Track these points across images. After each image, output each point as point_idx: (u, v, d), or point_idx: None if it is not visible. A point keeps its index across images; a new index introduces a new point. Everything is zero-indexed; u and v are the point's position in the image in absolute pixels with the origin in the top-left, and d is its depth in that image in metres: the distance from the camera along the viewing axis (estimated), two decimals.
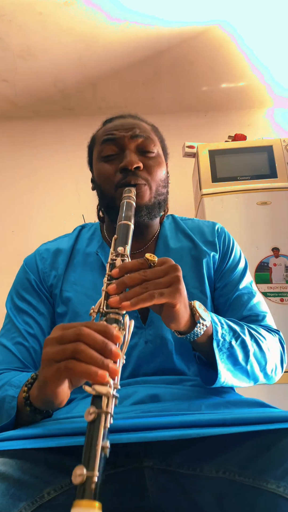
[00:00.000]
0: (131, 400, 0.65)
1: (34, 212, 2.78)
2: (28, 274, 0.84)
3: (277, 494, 0.47)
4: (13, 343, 0.76)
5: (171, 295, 0.55)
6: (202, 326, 0.63)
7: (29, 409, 0.58)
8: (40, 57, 2.46)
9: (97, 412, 0.43)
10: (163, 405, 0.63)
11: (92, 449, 0.40)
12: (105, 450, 0.41)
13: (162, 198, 0.84)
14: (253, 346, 0.71)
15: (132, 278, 0.56)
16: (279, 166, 2.00)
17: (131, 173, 0.79)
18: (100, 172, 0.84)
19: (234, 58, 2.53)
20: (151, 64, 2.57)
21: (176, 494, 0.56)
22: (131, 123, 0.85)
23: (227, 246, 0.88)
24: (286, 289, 1.78)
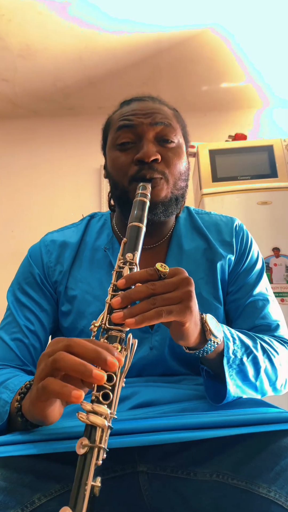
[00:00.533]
0: (129, 403, 0.64)
1: (34, 212, 2.77)
2: (32, 267, 0.79)
3: (268, 498, 0.47)
4: (12, 339, 0.73)
5: (181, 313, 0.50)
6: (213, 344, 0.58)
7: (20, 420, 0.54)
8: (40, 56, 2.46)
9: (89, 446, 0.39)
10: (161, 408, 0.62)
11: (81, 490, 0.37)
12: (95, 489, 0.38)
13: (181, 193, 0.76)
14: (264, 362, 0.66)
15: (139, 291, 0.50)
16: (279, 165, 2.00)
17: (147, 166, 0.71)
18: (114, 162, 0.75)
19: (234, 58, 2.53)
20: (151, 64, 2.56)
21: (172, 499, 0.56)
22: (151, 107, 0.75)
23: (244, 246, 0.82)
24: (286, 289, 1.78)
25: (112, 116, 0.81)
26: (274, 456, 0.50)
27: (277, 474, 0.48)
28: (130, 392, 0.66)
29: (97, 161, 2.86)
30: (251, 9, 2.20)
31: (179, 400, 0.65)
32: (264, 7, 2.18)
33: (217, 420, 0.53)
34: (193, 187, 2.33)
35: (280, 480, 0.47)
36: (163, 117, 0.75)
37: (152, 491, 0.56)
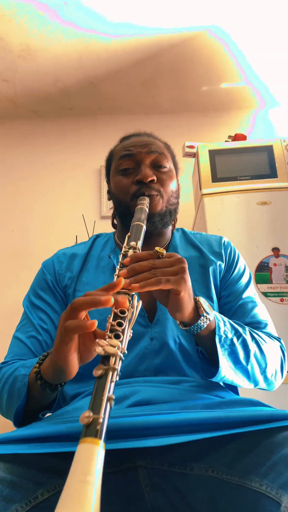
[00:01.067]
0: (129, 401, 0.66)
1: (34, 212, 2.78)
2: (45, 274, 0.91)
3: (260, 492, 0.48)
4: (27, 337, 0.82)
5: (177, 282, 0.60)
6: (205, 319, 0.66)
7: (40, 383, 0.63)
8: (40, 56, 2.46)
9: (105, 368, 0.48)
10: (159, 406, 0.64)
11: (99, 398, 0.45)
12: (110, 401, 0.45)
13: (173, 207, 0.91)
14: (253, 346, 0.74)
15: (142, 265, 0.61)
16: (279, 166, 2.00)
17: (146, 185, 0.86)
18: (117, 184, 0.90)
19: (235, 57, 2.53)
20: (151, 64, 2.57)
21: (170, 494, 0.57)
22: (147, 140, 0.93)
23: (232, 258, 0.93)
24: (286, 289, 1.78)
25: (114, 149, 0.99)
26: (266, 451, 0.51)
27: (269, 468, 0.49)
28: (129, 392, 0.68)
29: (97, 161, 2.87)
30: (250, 10, 2.21)
31: (177, 399, 0.67)
32: (263, 9, 2.18)
33: (214, 416, 0.55)
34: (193, 187, 2.33)
35: (272, 474, 0.49)
36: (157, 147, 0.92)
37: (152, 486, 0.57)
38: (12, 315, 2.47)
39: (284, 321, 1.72)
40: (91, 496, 0.35)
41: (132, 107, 2.93)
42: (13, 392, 0.69)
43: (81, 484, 0.36)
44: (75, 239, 2.42)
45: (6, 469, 0.50)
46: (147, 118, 2.98)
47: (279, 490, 0.46)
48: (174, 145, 2.96)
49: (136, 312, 0.58)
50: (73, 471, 0.38)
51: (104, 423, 0.42)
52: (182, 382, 0.73)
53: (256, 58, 2.52)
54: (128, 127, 3.30)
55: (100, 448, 0.40)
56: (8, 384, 0.71)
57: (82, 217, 2.49)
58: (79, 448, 0.39)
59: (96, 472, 0.37)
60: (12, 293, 2.56)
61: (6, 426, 0.83)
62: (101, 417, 0.42)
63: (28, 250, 2.67)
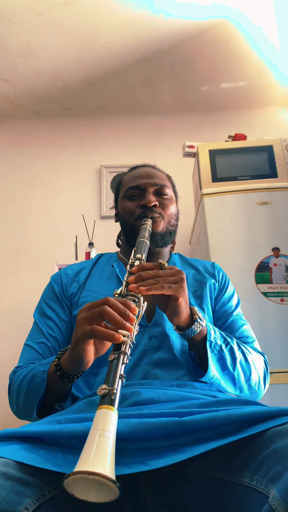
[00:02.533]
0: (128, 402, 0.69)
1: (34, 212, 2.78)
2: (53, 286, 1.00)
3: (250, 487, 0.50)
4: (37, 343, 0.91)
5: (177, 289, 0.72)
6: (198, 325, 0.77)
7: (59, 374, 0.72)
8: (40, 56, 2.46)
9: (118, 352, 0.59)
10: (157, 406, 0.66)
11: (113, 374, 0.55)
12: (122, 378, 0.56)
13: (173, 229, 1.04)
14: (240, 355, 0.84)
15: (148, 273, 0.73)
16: (279, 166, 2.00)
17: (149, 209, 0.99)
18: (124, 207, 1.04)
19: (235, 57, 2.53)
20: (151, 64, 2.57)
21: (168, 493, 0.58)
22: (152, 172, 1.07)
23: (224, 280, 1.05)
24: (286, 289, 1.78)
25: (123, 177, 1.11)
26: (258, 448, 0.53)
27: (259, 464, 0.51)
28: (129, 393, 0.71)
29: (97, 161, 2.87)
30: (256, 5, 2.21)
31: (173, 399, 0.70)
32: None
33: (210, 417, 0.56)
34: (193, 187, 2.33)
35: (261, 470, 0.50)
36: (160, 179, 1.05)
37: (151, 485, 0.58)
38: (12, 315, 2.48)
39: (284, 321, 1.72)
40: (107, 445, 0.44)
41: (132, 107, 2.93)
42: (32, 388, 0.78)
43: (100, 437, 0.45)
44: (75, 239, 2.42)
45: (15, 467, 0.51)
46: (147, 118, 2.98)
47: (268, 484, 0.47)
48: (174, 145, 2.97)
49: (142, 310, 0.69)
50: (93, 429, 0.46)
51: (117, 394, 0.52)
52: (181, 385, 0.78)
53: (272, 52, 2.51)
54: (128, 127, 3.32)
55: (113, 412, 0.49)
56: (25, 382, 0.80)
57: (82, 217, 2.49)
58: (98, 413, 0.49)
59: (111, 429, 0.46)
60: (12, 293, 2.56)
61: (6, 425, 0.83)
62: (115, 388, 0.52)
63: (28, 250, 2.67)
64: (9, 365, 1.09)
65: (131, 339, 0.62)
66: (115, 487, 0.40)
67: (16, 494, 0.48)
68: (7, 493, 0.47)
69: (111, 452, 0.43)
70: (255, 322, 1.52)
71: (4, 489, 0.47)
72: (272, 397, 1.53)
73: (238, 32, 2.36)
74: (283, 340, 1.68)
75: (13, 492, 0.48)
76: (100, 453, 0.43)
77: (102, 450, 0.43)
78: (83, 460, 0.41)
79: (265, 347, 0.99)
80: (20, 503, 0.47)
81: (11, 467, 0.51)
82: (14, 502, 0.47)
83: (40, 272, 2.46)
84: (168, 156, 2.65)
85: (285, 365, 1.62)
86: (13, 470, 0.50)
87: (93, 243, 2.38)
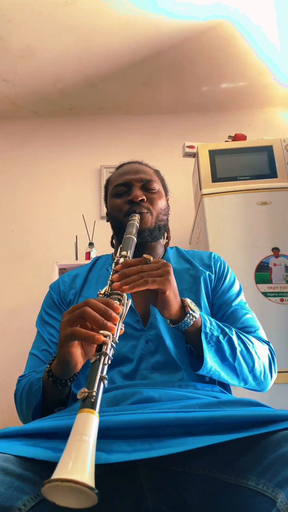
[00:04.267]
0: (129, 401, 0.69)
1: (34, 212, 2.78)
2: (52, 295, 1.00)
3: (256, 491, 0.49)
4: (40, 351, 0.91)
5: (162, 282, 0.70)
6: (191, 317, 0.75)
7: (51, 380, 0.72)
8: (40, 57, 2.47)
9: (99, 354, 0.57)
10: (158, 405, 0.66)
11: (93, 377, 0.53)
12: (103, 380, 0.54)
13: (163, 223, 1.01)
14: (240, 345, 0.81)
15: (131, 269, 0.71)
16: (279, 166, 2.00)
17: (136, 204, 0.97)
18: (113, 205, 1.02)
19: (235, 57, 2.54)
20: (151, 64, 2.57)
21: (169, 493, 0.58)
22: (138, 168, 1.05)
23: (222, 269, 1.02)
24: (286, 289, 1.78)
25: (111, 176, 1.09)
26: (264, 451, 0.52)
27: (266, 467, 0.50)
28: (130, 392, 0.71)
29: (97, 161, 2.87)
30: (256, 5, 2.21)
31: (174, 399, 0.69)
32: None
33: (212, 416, 0.56)
34: (193, 188, 2.34)
35: (268, 474, 0.49)
36: (146, 174, 1.03)
37: (152, 484, 0.58)
38: (12, 315, 2.48)
39: (284, 321, 1.73)
40: (86, 451, 0.43)
41: (132, 107, 2.93)
42: (31, 396, 0.78)
43: (79, 442, 0.44)
44: (75, 239, 2.42)
45: (15, 462, 0.51)
46: (147, 118, 2.98)
47: (275, 488, 0.47)
48: (174, 145, 2.97)
49: (126, 309, 0.68)
50: (72, 433, 0.45)
51: (98, 397, 0.50)
52: (179, 385, 0.77)
53: (273, 51, 2.52)
54: (128, 127, 3.32)
55: (94, 416, 0.48)
56: (25, 391, 0.81)
57: (82, 217, 2.49)
58: (77, 417, 0.48)
59: (91, 434, 0.45)
60: (12, 293, 2.56)
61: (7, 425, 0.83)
62: (94, 391, 0.51)
63: (28, 250, 2.67)
64: (9, 364, 1.10)
65: (114, 339, 0.61)
66: (93, 493, 0.39)
67: (15, 490, 0.48)
68: (6, 489, 0.47)
69: (90, 457, 0.42)
70: None
71: (4, 485, 0.48)
72: (273, 397, 1.53)
73: (238, 32, 2.36)
74: (283, 340, 1.68)
75: (12, 488, 0.48)
76: (79, 459, 0.42)
77: (81, 456, 0.42)
78: (61, 467, 0.41)
79: None
80: (18, 499, 0.47)
81: (11, 462, 0.51)
82: (12, 498, 0.47)
83: (40, 272, 2.46)
84: (168, 156, 2.65)
85: (285, 365, 1.62)
86: (13, 466, 0.51)
87: (93, 243, 2.39)
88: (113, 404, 0.69)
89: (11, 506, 0.46)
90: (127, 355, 0.82)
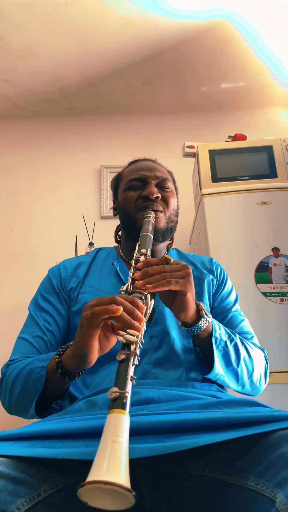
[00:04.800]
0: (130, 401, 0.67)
1: (34, 212, 2.78)
2: (51, 279, 0.98)
3: (255, 491, 0.49)
4: (33, 337, 0.88)
5: (184, 284, 0.69)
6: (205, 321, 0.75)
7: (60, 371, 0.70)
8: (40, 57, 2.46)
9: (127, 353, 0.57)
10: (157, 407, 0.66)
11: (123, 377, 0.53)
12: (132, 380, 0.54)
13: (173, 224, 1.02)
14: (243, 351, 0.83)
15: (154, 269, 0.70)
16: (279, 166, 2.00)
17: (151, 201, 0.96)
18: (125, 198, 1.00)
19: (235, 57, 2.53)
20: (151, 64, 2.57)
21: (168, 493, 0.58)
22: (153, 165, 1.05)
23: (222, 276, 1.03)
24: (286, 289, 1.78)
25: (123, 171, 1.08)
26: (263, 451, 0.52)
27: (266, 467, 0.50)
28: (131, 392, 0.69)
29: (97, 161, 2.87)
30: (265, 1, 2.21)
31: (173, 400, 0.69)
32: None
33: (213, 417, 0.56)
34: (193, 188, 2.33)
35: (268, 474, 0.49)
36: (162, 173, 1.03)
37: (151, 484, 0.58)
38: (12, 315, 2.48)
39: (284, 321, 1.72)
40: (121, 452, 0.43)
41: (132, 107, 2.93)
42: (28, 384, 0.75)
43: (114, 443, 0.43)
44: (75, 239, 2.42)
45: (10, 465, 0.51)
46: (147, 118, 2.98)
47: (275, 488, 0.47)
48: (174, 145, 2.97)
49: (150, 309, 0.67)
50: (105, 435, 0.44)
51: (128, 397, 0.50)
52: (179, 385, 0.77)
53: (272, 51, 2.52)
54: (128, 127, 3.32)
55: (126, 417, 0.47)
56: (21, 377, 0.77)
57: (82, 217, 2.49)
58: (109, 417, 0.47)
59: (124, 435, 0.45)
60: (12, 293, 2.56)
61: (5, 425, 0.83)
62: (126, 392, 0.51)
63: (28, 250, 2.67)
64: None
65: (140, 339, 0.60)
66: (131, 495, 0.39)
67: (9, 494, 0.47)
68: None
69: (125, 458, 0.42)
70: (255, 322, 1.52)
71: None
72: (272, 397, 1.53)
73: (238, 32, 2.36)
74: (283, 340, 1.68)
75: (6, 492, 0.47)
76: (114, 461, 0.42)
77: (117, 457, 0.42)
78: (98, 469, 0.40)
79: (265, 347, 0.99)
80: (12, 502, 0.47)
81: (6, 465, 0.50)
82: (5, 501, 0.46)
83: (40, 272, 2.45)
84: (168, 156, 2.63)
85: (285, 365, 1.62)
86: (8, 469, 0.50)
87: (93, 243, 2.39)
88: None
89: (4, 510, 0.46)
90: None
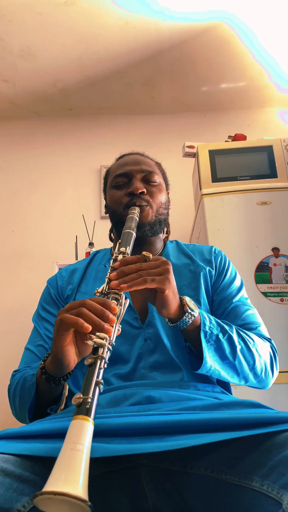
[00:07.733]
0: (129, 401, 0.68)
1: (34, 212, 2.78)
2: (49, 289, 0.99)
3: (260, 492, 0.49)
4: (35, 346, 0.90)
5: (161, 281, 0.68)
6: (190, 316, 0.73)
7: (44, 377, 0.71)
8: (40, 57, 2.47)
9: (95, 357, 0.56)
10: (159, 405, 0.65)
11: (89, 382, 0.52)
12: (98, 385, 0.52)
13: (163, 217, 0.98)
14: (240, 343, 0.79)
15: (130, 267, 0.69)
16: (279, 166, 2.00)
17: (136, 196, 0.94)
18: (112, 197, 0.99)
19: (235, 57, 2.53)
20: (151, 64, 2.57)
21: (171, 493, 0.57)
22: (139, 159, 1.02)
23: (223, 264, 0.99)
24: (286, 289, 1.78)
25: (111, 167, 1.06)
26: (268, 452, 0.52)
27: (270, 469, 0.50)
28: (130, 393, 0.70)
29: (97, 161, 2.87)
30: (263, 2, 2.21)
31: (175, 400, 0.68)
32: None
33: (215, 418, 0.55)
34: (193, 188, 2.34)
35: (273, 475, 0.49)
36: (147, 166, 1.00)
37: (153, 484, 0.58)
38: (12, 315, 2.48)
39: (284, 321, 1.73)
40: (80, 461, 0.41)
41: (132, 107, 2.93)
42: (24, 392, 0.77)
43: (72, 451, 0.42)
44: (75, 239, 2.42)
45: (15, 463, 0.51)
46: (147, 118, 2.98)
47: (280, 490, 0.47)
48: (174, 145, 2.97)
49: (124, 309, 0.67)
50: (65, 442, 0.44)
51: (93, 403, 0.49)
52: (180, 386, 0.76)
53: (270, 52, 2.52)
54: (128, 127, 3.32)
55: (89, 423, 0.46)
56: (19, 386, 0.80)
57: (82, 217, 2.49)
58: (71, 424, 0.46)
59: (85, 443, 0.44)
60: (12, 293, 2.56)
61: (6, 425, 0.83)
62: (89, 397, 0.49)
63: (28, 250, 2.67)
64: (9, 365, 1.09)
65: (110, 342, 0.59)
66: (86, 506, 0.38)
67: (15, 492, 0.48)
68: (5, 490, 0.47)
69: (84, 467, 0.41)
70: None
71: (3, 486, 0.47)
72: (273, 397, 1.53)
73: (237, 33, 2.36)
74: (283, 340, 1.68)
75: (12, 490, 0.48)
76: (71, 470, 0.40)
77: (74, 467, 0.41)
78: (53, 478, 0.39)
79: None
80: (17, 500, 0.47)
81: (11, 463, 0.51)
82: (11, 499, 0.47)
83: (40, 272, 2.46)
84: (168, 157, 2.64)
85: (285, 365, 1.62)
86: (13, 467, 0.50)
87: (93, 243, 2.39)
88: (114, 404, 0.68)
89: (10, 508, 0.46)
90: (125, 354, 0.81)
